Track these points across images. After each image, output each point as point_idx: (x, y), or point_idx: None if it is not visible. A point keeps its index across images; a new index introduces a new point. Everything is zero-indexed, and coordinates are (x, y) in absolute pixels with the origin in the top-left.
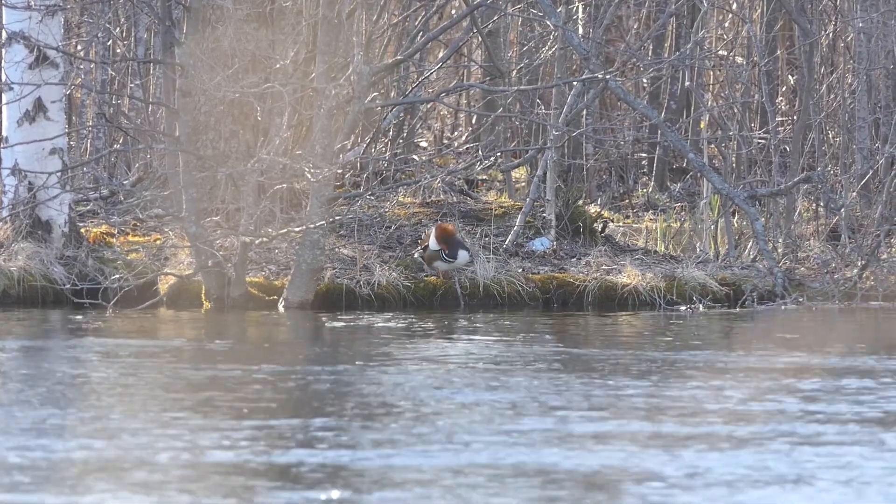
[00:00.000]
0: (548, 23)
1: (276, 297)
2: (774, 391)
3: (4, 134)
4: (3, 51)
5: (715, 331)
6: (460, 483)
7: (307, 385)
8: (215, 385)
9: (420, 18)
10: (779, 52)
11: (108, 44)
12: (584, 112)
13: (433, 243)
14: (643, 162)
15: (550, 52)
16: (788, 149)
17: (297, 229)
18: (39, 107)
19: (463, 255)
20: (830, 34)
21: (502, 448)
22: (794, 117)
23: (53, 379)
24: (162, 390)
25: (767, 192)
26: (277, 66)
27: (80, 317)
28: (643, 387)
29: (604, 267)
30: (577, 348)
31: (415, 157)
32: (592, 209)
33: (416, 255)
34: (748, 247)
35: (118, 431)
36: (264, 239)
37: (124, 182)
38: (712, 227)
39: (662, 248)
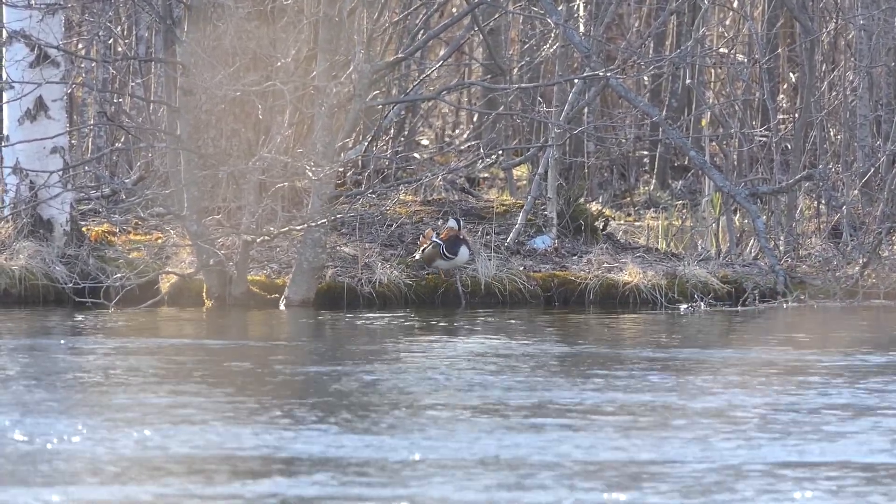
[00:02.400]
0: (549, 21)
1: (277, 295)
2: (780, 387)
3: (6, 133)
4: (4, 49)
5: (716, 329)
6: (471, 475)
7: (308, 381)
8: (216, 381)
9: (421, 16)
10: (780, 49)
11: (109, 42)
12: (586, 110)
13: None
14: (644, 160)
15: (551, 50)
16: (790, 146)
17: (298, 228)
18: (40, 105)
19: (463, 253)
20: (832, 31)
21: (506, 443)
22: (796, 115)
23: (55, 377)
24: (165, 387)
25: (769, 190)
26: (279, 64)
27: (81, 316)
28: (647, 384)
29: (605, 265)
30: (580, 346)
31: (416, 155)
32: (594, 207)
33: (416, 257)
34: (750, 244)
35: (122, 428)
36: (266, 237)
37: (126, 181)
38: (714, 224)
39: (664, 246)
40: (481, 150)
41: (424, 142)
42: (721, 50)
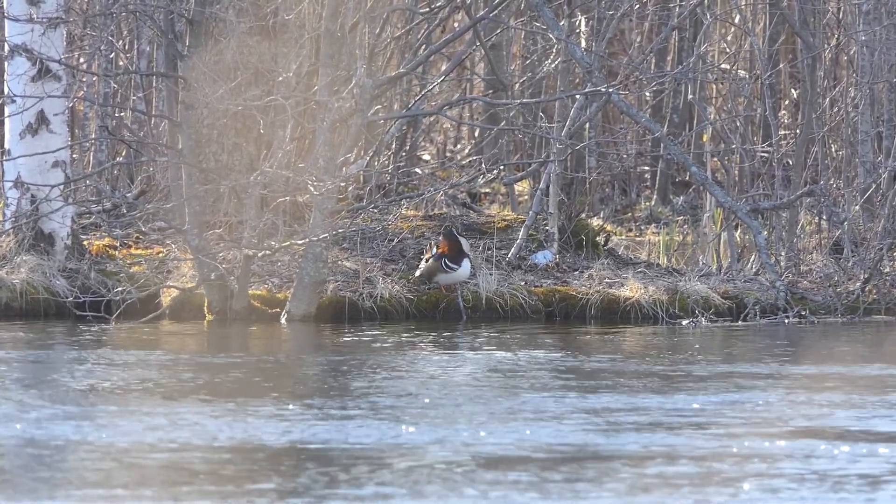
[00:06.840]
0: (550, 36)
1: (278, 309)
2: (780, 404)
3: (7, 146)
4: (6, 63)
5: (717, 344)
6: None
7: (310, 395)
8: (217, 394)
9: (423, 31)
10: (781, 65)
11: (111, 56)
12: (587, 125)
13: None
14: (646, 175)
15: (553, 66)
16: (791, 162)
17: (299, 242)
18: (42, 119)
19: (465, 265)
20: (833, 47)
21: (508, 458)
22: (797, 131)
23: (57, 390)
24: (167, 400)
25: (770, 206)
26: (280, 78)
27: (82, 329)
28: (644, 398)
29: (606, 280)
30: (581, 361)
31: (417, 170)
32: (595, 222)
33: (418, 273)
34: (751, 260)
35: (127, 438)
36: (267, 252)
37: (127, 195)
38: (715, 240)
39: (665, 262)
40: (483, 166)
41: (426, 157)
42: (723, 66)
